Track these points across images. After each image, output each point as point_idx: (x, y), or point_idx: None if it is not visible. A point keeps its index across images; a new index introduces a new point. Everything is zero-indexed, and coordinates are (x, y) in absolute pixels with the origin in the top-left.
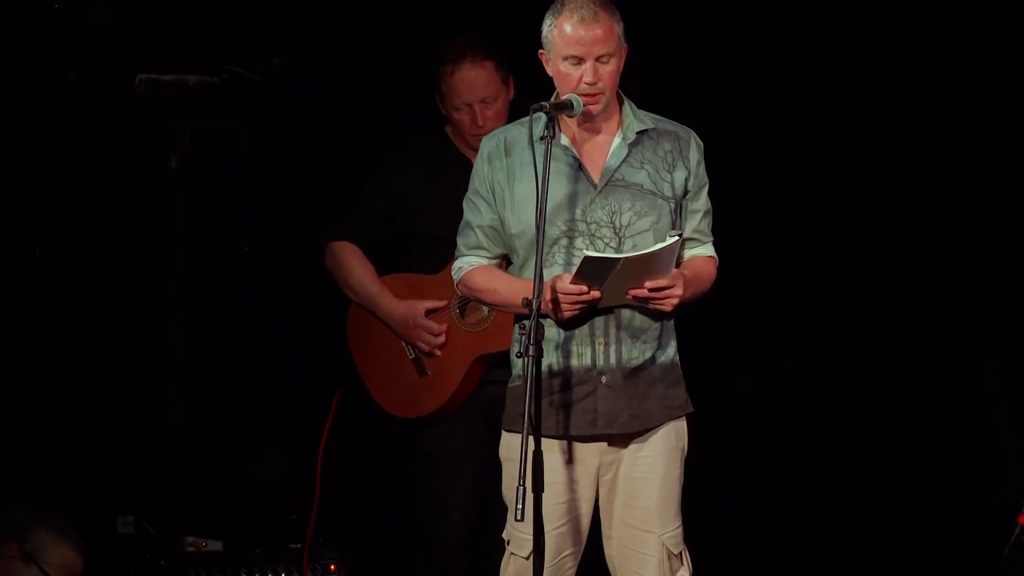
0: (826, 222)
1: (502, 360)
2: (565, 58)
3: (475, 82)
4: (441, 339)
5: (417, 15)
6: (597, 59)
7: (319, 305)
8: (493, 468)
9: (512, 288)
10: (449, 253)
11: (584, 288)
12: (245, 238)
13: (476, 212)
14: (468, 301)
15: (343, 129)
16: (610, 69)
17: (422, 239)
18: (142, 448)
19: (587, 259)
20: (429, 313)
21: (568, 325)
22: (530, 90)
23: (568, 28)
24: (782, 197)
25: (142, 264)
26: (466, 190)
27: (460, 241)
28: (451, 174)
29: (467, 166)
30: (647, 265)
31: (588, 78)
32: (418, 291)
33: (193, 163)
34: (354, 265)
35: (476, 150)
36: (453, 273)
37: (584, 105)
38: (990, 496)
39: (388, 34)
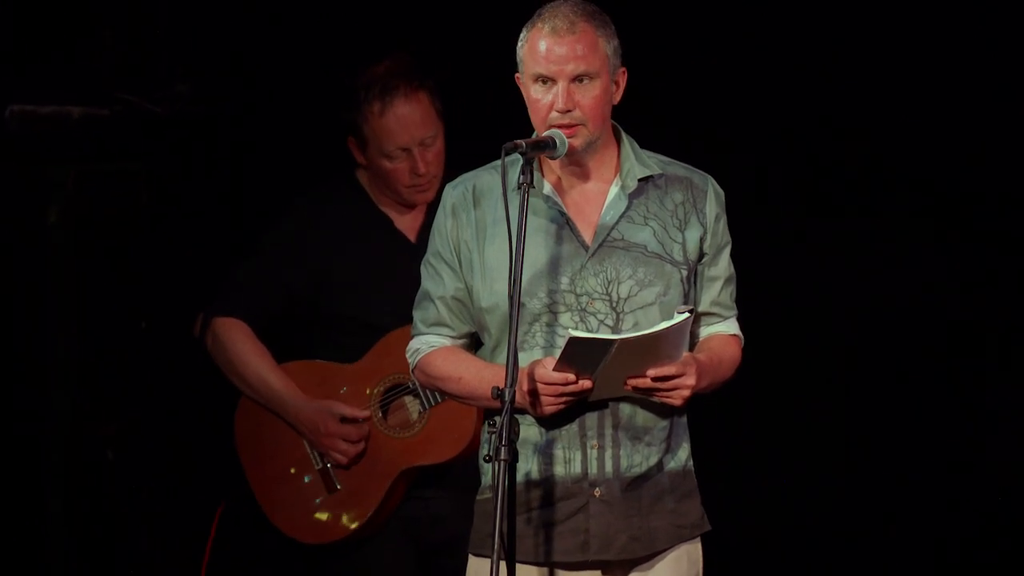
0: (878, 295)
1: (434, 476)
2: (535, 79)
3: (411, 120)
4: (360, 447)
5: (353, 27)
6: (572, 80)
7: (215, 397)
8: None
9: (482, 375)
10: (367, 337)
11: (570, 376)
12: (143, 311)
13: (437, 280)
14: (392, 399)
15: (265, 173)
16: (592, 95)
17: (329, 320)
18: (10, 567)
19: (573, 340)
20: (346, 420)
21: (552, 423)
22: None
23: (538, 42)
24: (823, 261)
25: (13, 344)
26: (386, 257)
27: (417, 316)
28: (367, 236)
29: (386, 227)
30: (650, 348)
31: (559, 104)
32: (329, 384)
33: (78, 217)
34: (246, 350)
35: (405, 204)
36: (408, 356)
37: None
38: None
39: (321, 52)
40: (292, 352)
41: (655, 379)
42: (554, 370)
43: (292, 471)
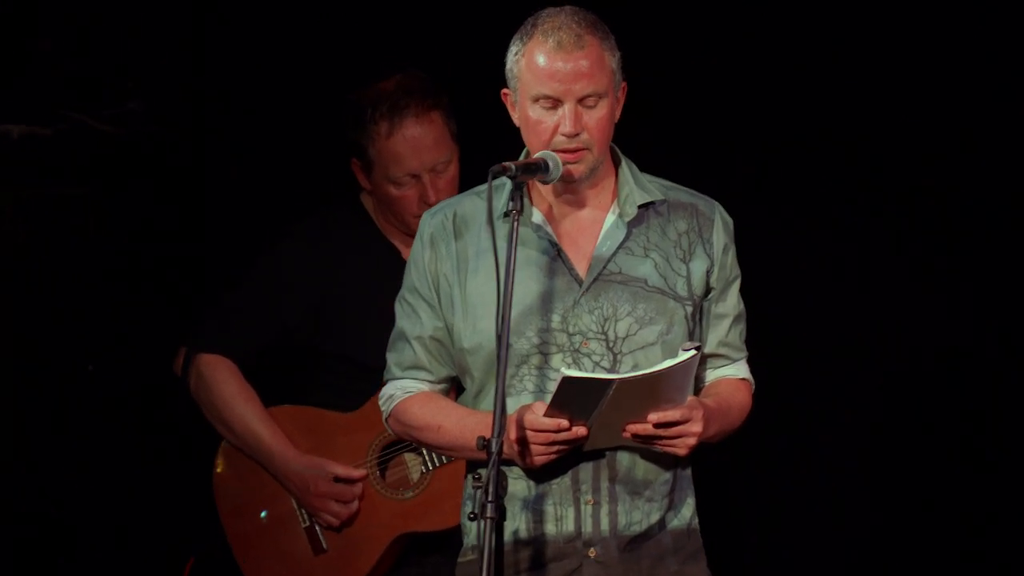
0: (906, 334)
1: (432, 543)
2: (536, 99)
3: (422, 143)
4: (354, 507)
5: (328, 41)
6: (580, 101)
7: (184, 442)
8: None
9: (464, 424)
10: (367, 382)
11: (563, 422)
12: (89, 352)
13: (413, 318)
14: (391, 456)
15: (225, 198)
16: (599, 115)
17: (327, 360)
18: None
19: (566, 381)
20: (340, 480)
21: (542, 476)
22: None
23: (541, 58)
24: (843, 296)
25: None
26: (390, 292)
27: (391, 359)
28: (370, 268)
29: (392, 258)
30: (651, 390)
31: (567, 128)
32: (321, 434)
33: (18, 246)
34: (232, 392)
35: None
36: (381, 403)
37: (563, 166)
38: None
39: (289, 67)
40: (281, 392)
41: (657, 425)
42: (545, 415)
43: (275, 526)
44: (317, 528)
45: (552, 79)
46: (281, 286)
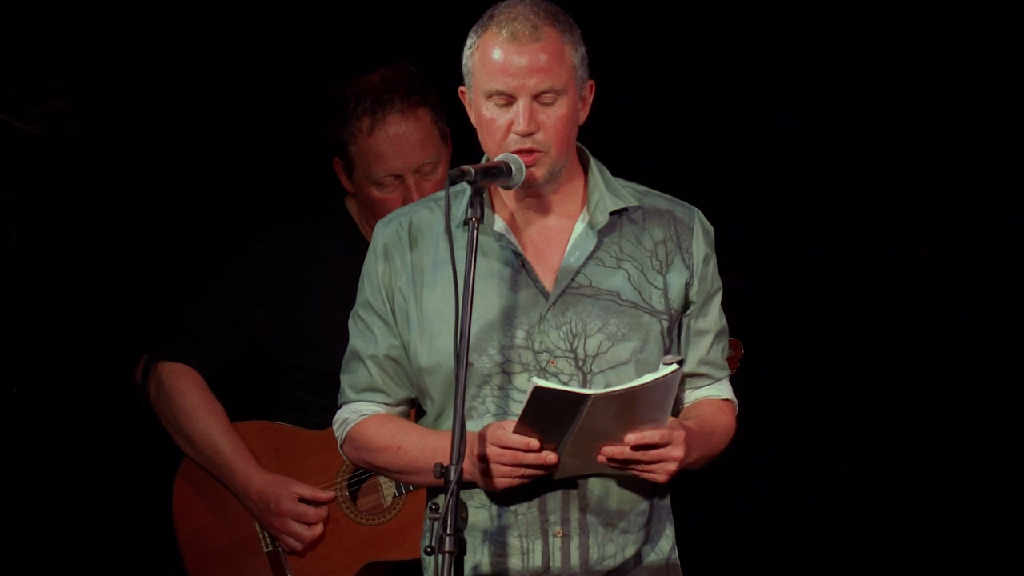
0: (907, 348)
1: (412, 573)
2: (489, 95)
3: (406, 142)
4: (318, 530)
5: (269, 33)
6: (536, 97)
7: (125, 467)
8: None
9: (425, 444)
10: (336, 399)
11: (533, 442)
12: (13, 373)
13: (367, 336)
14: (364, 478)
15: (162, 205)
16: (558, 114)
17: (302, 374)
18: None
19: (538, 392)
20: (305, 501)
21: (505, 505)
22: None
23: (494, 51)
24: (834, 308)
25: None
26: None
27: (345, 380)
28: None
29: None
30: (629, 409)
31: (520, 126)
32: (289, 452)
33: None
34: (194, 403)
35: None
36: (335, 428)
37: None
38: None
39: (229, 59)
40: (250, 409)
41: (635, 448)
42: (514, 432)
43: (235, 551)
44: (281, 553)
45: (505, 73)
46: (249, 293)
